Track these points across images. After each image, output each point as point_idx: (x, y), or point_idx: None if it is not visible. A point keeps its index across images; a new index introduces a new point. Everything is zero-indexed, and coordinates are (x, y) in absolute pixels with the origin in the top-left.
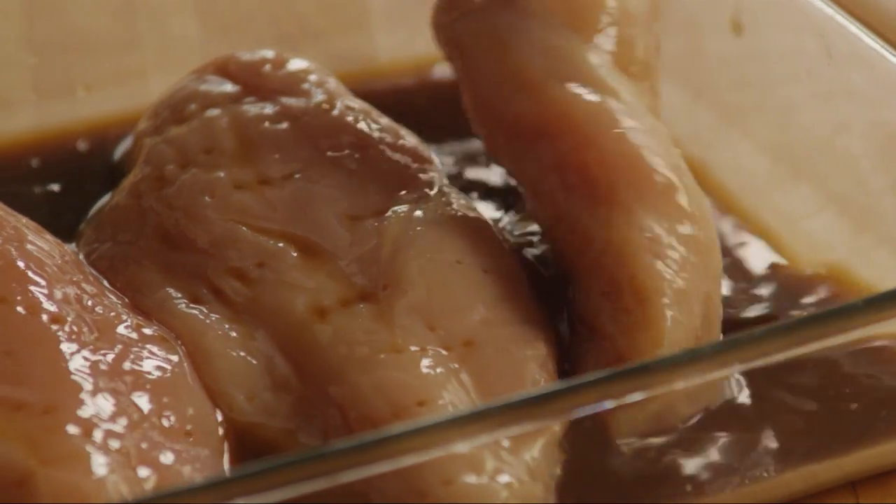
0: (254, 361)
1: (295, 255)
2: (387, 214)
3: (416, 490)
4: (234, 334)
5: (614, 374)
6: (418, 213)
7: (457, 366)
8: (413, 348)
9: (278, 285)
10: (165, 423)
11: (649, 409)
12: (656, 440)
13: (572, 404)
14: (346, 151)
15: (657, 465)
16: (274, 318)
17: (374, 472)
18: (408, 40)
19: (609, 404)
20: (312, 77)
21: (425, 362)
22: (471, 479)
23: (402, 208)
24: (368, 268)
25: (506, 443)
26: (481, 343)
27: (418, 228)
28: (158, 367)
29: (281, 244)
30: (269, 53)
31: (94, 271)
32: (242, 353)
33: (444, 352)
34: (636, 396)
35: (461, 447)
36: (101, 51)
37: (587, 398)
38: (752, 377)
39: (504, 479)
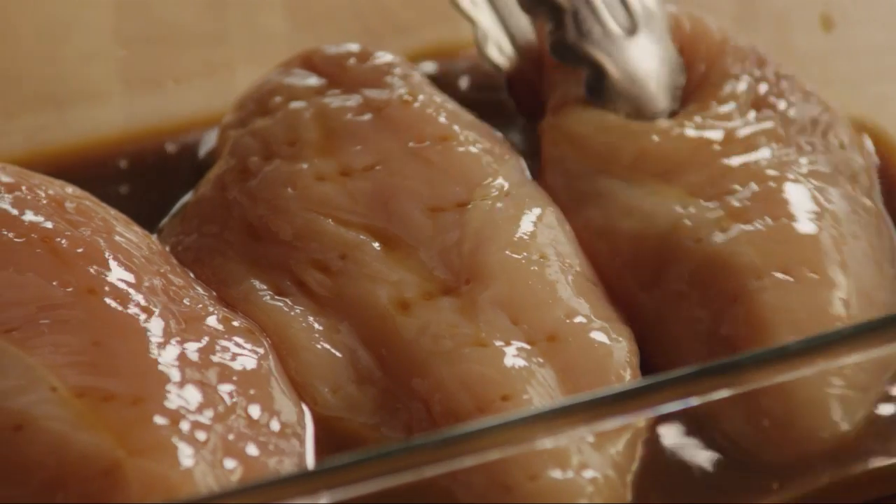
0: (338, 354)
1: (377, 247)
2: (468, 207)
3: (502, 485)
4: (318, 327)
5: (700, 371)
6: (500, 205)
7: (541, 360)
8: (497, 343)
9: (361, 278)
10: (251, 414)
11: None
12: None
13: (659, 400)
14: (428, 143)
15: (744, 462)
16: (357, 310)
17: (459, 466)
18: None
19: (694, 401)
20: (396, 70)
21: (509, 356)
22: (556, 473)
23: (484, 202)
24: (450, 261)
25: (591, 437)
26: (565, 338)
27: (500, 222)
28: (245, 360)
29: (363, 236)
30: (353, 47)
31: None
32: (327, 346)
33: (528, 346)
34: (722, 393)
35: (547, 442)
36: (189, 43)
37: (674, 394)
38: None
39: (589, 474)
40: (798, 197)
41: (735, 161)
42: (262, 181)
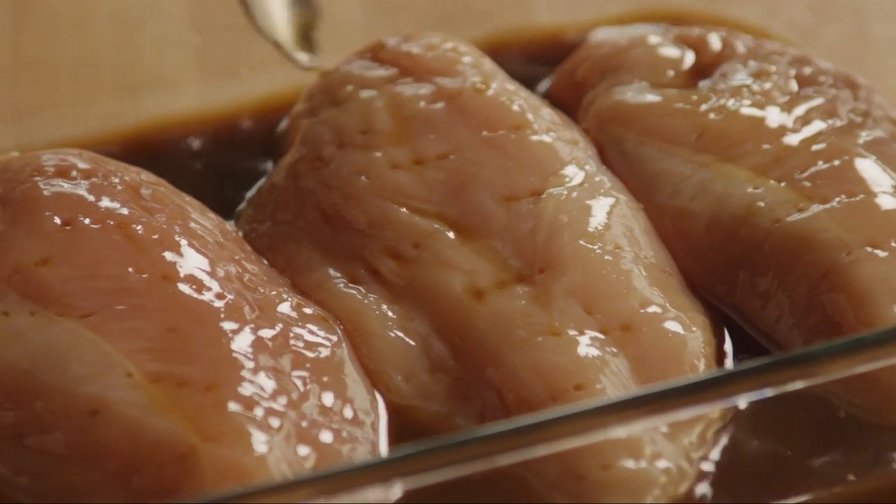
0: (411, 342)
1: (451, 235)
2: (542, 196)
3: (574, 473)
4: (391, 315)
5: (775, 362)
6: (574, 195)
7: (615, 350)
8: (571, 332)
9: (434, 266)
10: (325, 401)
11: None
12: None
13: (733, 391)
14: (502, 132)
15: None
16: (431, 298)
17: (531, 455)
18: (569, 20)
19: (769, 392)
20: (467, 59)
21: (583, 346)
22: (629, 463)
23: (558, 190)
24: (524, 250)
25: (664, 427)
26: (639, 327)
27: (574, 211)
28: (318, 347)
29: (436, 225)
30: (423, 36)
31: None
32: (400, 334)
33: (601, 336)
34: (797, 385)
35: (619, 432)
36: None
37: (748, 385)
38: None
39: (662, 464)
40: (868, 170)
41: (795, 139)
42: (334, 169)
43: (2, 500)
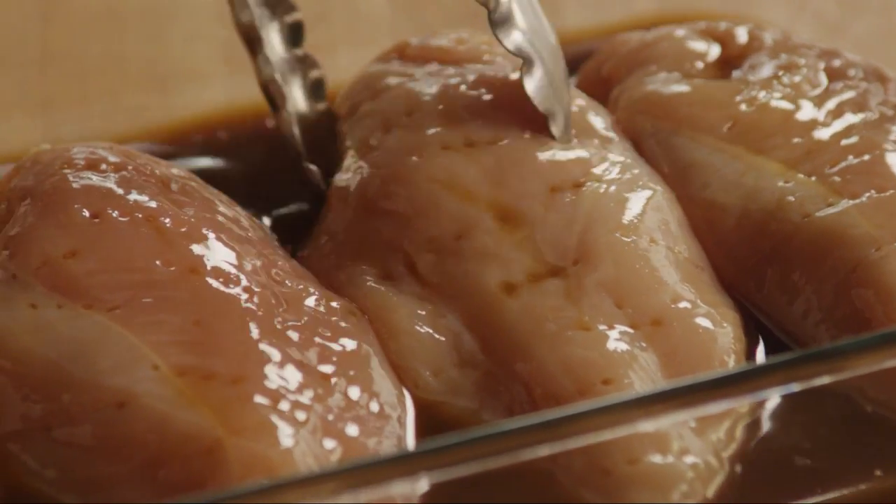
0: (441, 338)
1: (493, 223)
2: (582, 189)
3: (601, 468)
4: (421, 311)
5: (801, 357)
6: (612, 188)
7: (644, 345)
8: (601, 326)
9: (473, 259)
10: (351, 395)
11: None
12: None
13: (759, 386)
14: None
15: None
16: (464, 293)
17: (557, 450)
18: (596, 17)
19: (795, 387)
20: (499, 50)
21: (612, 340)
22: (656, 458)
23: (596, 183)
24: (561, 241)
25: (692, 423)
26: (669, 322)
27: (611, 204)
28: (345, 341)
29: (483, 212)
30: (445, 33)
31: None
32: (429, 330)
33: (631, 330)
34: (824, 380)
35: (647, 426)
36: None
37: (774, 380)
38: None
39: (690, 459)
40: None
41: (826, 133)
42: (384, 151)
43: (29, 491)
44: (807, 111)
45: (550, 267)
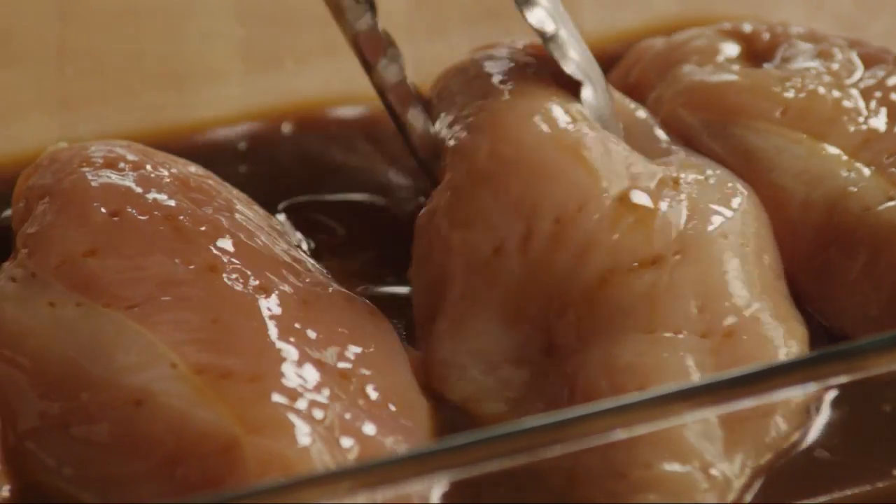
0: (496, 336)
1: (612, 207)
2: (680, 185)
3: (616, 471)
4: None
5: (820, 356)
6: (709, 184)
7: (705, 357)
8: (665, 333)
9: (574, 244)
10: (369, 394)
11: None
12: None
13: (777, 385)
14: None
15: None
16: (557, 281)
17: (567, 450)
18: (614, 16)
19: (812, 387)
20: None
21: (668, 347)
22: (673, 465)
23: (693, 176)
24: (669, 231)
25: (712, 432)
26: (739, 336)
27: (711, 205)
28: (364, 340)
29: (605, 192)
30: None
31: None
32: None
33: (697, 338)
34: (841, 379)
35: (657, 431)
36: (309, 23)
37: (790, 381)
38: None
39: (707, 470)
40: None
41: (879, 121)
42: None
43: (47, 489)
44: (854, 98)
45: (654, 256)
